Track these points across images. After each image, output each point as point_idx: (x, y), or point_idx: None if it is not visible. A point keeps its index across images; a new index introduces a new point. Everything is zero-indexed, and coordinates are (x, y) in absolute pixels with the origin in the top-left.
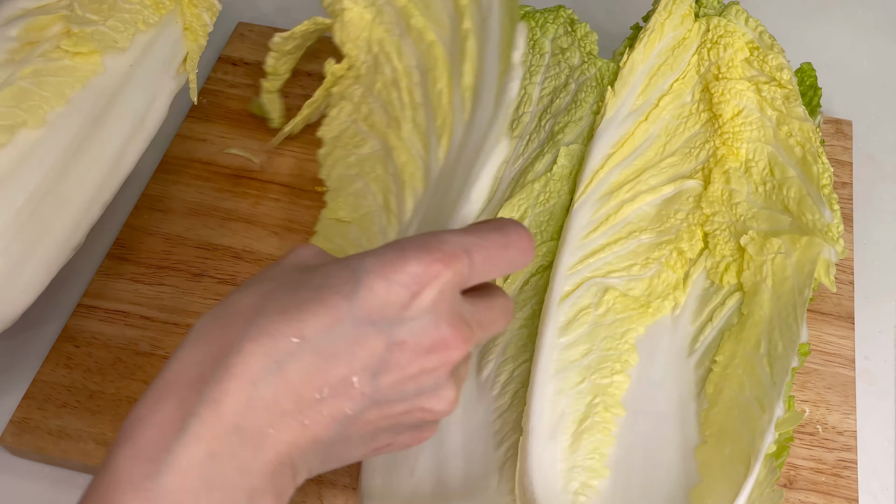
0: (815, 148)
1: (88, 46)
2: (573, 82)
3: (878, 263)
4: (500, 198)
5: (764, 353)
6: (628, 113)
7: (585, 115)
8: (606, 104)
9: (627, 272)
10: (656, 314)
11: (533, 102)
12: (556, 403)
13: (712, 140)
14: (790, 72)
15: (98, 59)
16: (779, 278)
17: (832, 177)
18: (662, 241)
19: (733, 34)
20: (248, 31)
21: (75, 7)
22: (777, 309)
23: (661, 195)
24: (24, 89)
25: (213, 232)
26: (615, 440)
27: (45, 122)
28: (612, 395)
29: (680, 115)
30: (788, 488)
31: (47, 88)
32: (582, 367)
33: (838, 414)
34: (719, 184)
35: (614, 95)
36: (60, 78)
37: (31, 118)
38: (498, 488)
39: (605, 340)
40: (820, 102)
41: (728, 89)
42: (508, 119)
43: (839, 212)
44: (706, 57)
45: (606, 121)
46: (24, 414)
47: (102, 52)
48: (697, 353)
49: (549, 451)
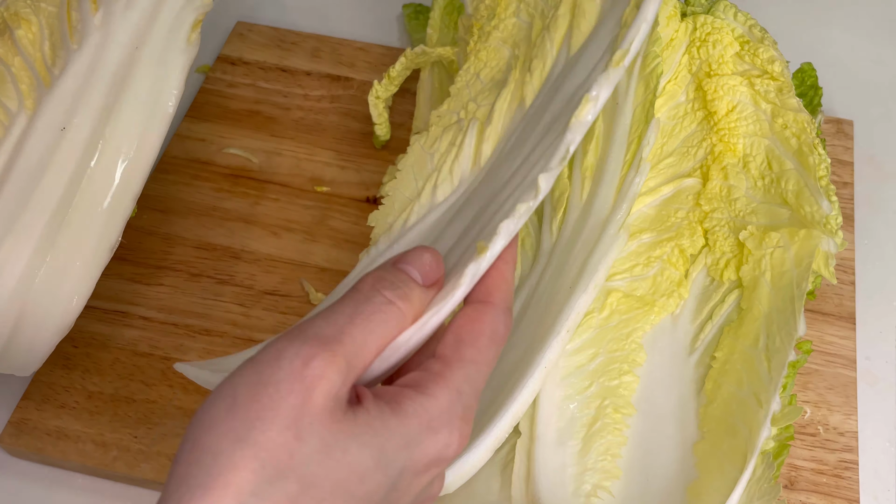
0: (810, 139)
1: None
2: None
3: (880, 263)
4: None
5: (762, 347)
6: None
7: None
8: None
9: (630, 273)
10: (661, 312)
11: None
12: (563, 409)
13: (709, 137)
14: (782, 63)
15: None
16: (777, 272)
17: (829, 168)
18: (663, 238)
19: (721, 30)
20: (248, 31)
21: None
22: (776, 303)
23: (659, 196)
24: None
25: (212, 232)
26: (628, 440)
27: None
28: (622, 395)
29: (675, 116)
30: (790, 489)
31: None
32: (589, 372)
33: (839, 415)
34: (717, 180)
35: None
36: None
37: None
38: (500, 492)
39: (611, 342)
40: (821, 102)
41: (721, 86)
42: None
43: (837, 202)
44: (696, 56)
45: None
46: (22, 415)
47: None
48: (698, 352)
49: (558, 456)
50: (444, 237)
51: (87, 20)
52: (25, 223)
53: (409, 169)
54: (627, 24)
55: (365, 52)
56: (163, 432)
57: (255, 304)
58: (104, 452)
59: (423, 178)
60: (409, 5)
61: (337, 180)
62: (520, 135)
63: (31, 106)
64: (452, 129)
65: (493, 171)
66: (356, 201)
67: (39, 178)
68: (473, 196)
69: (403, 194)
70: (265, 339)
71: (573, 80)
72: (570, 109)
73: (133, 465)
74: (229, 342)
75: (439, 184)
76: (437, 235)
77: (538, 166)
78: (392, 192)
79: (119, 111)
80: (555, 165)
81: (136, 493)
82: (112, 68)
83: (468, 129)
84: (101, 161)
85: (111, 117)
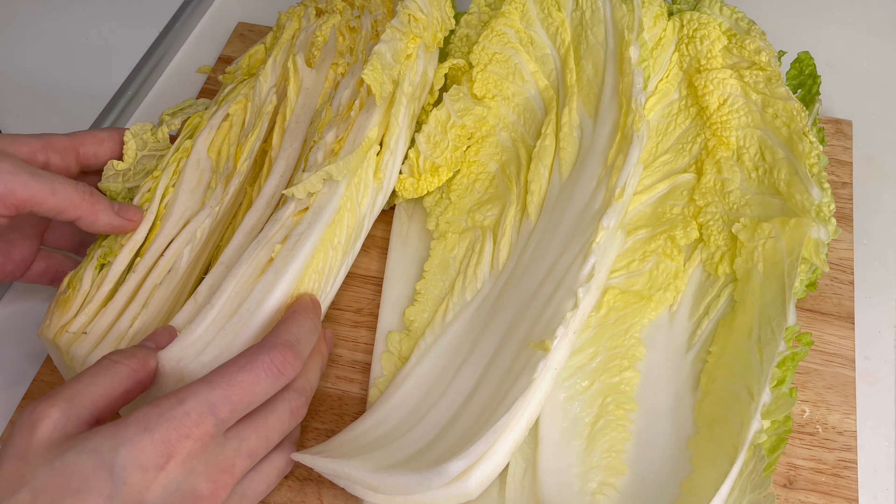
0: (800, 126)
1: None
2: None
3: (878, 263)
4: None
5: (755, 339)
6: None
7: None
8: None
9: (627, 269)
10: (659, 306)
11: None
12: (566, 410)
13: (703, 133)
14: (769, 53)
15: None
16: (769, 263)
17: (821, 155)
18: (657, 232)
19: (708, 26)
20: (248, 31)
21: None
22: (768, 294)
23: (655, 193)
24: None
25: None
26: (632, 435)
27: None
28: (624, 391)
29: (669, 114)
30: (789, 488)
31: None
32: (590, 371)
33: (838, 414)
34: (711, 174)
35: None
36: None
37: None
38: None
39: (610, 339)
40: (819, 90)
41: (710, 80)
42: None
43: (829, 190)
44: (686, 52)
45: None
46: None
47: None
48: (695, 348)
49: (562, 457)
50: (488, 333)
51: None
52: None
53: (434, 271)
54: (619, 168)
55: None
56: None
57: None
58: None
59: (449, 279)
60: None
61: None
62: (536, 247)
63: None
64: (467, 236)
65: (516, 278)
66: None
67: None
68: (505, 299)
69: (433, 293)
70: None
71: (576, 203)
72: (582, 230)
73: None
74: None
75: (467, 286)
76: (479, 330)
77: (569, 278)
78: (423, 291)
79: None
80: (583, 280)
81: None
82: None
83: (485, 240)
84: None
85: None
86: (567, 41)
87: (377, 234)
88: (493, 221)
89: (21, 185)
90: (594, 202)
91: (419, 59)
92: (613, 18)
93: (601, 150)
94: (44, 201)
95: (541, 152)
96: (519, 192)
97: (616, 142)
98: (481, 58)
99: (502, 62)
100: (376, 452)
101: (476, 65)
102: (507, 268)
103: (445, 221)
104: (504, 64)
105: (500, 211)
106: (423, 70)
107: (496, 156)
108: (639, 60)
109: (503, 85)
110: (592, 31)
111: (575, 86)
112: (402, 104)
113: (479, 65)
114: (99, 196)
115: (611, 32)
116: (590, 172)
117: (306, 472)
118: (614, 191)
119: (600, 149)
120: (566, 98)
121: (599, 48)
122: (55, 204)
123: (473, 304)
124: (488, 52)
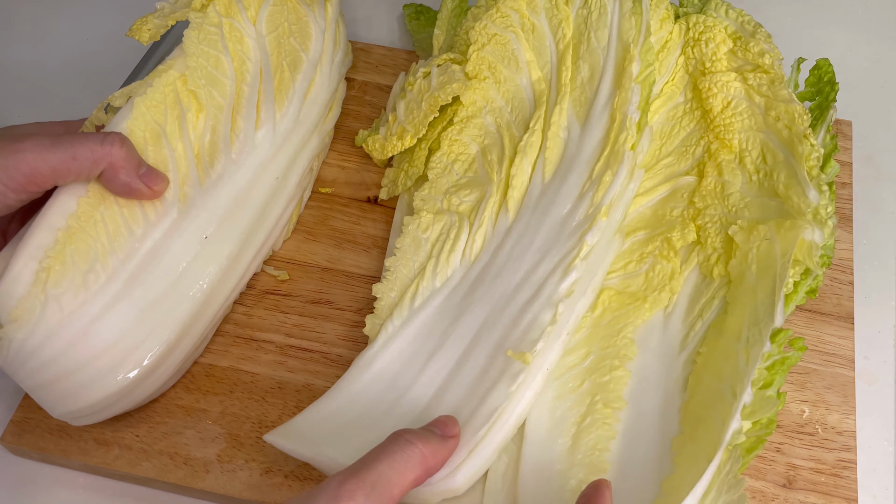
0: (800, 129)
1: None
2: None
3: (878, 263)
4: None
5: (744, 340)
6: None
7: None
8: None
9: (623, 270)
10: (653, 307)
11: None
12: (553, 409)
13: (706, 136)
14: (772, 56)
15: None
16: (763, 265)
17: (821, 158)
18: (655, 234)
19: (713, 28)
20: None
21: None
22: (760, 296)
23: (656, 196)
24: None
25: None
26: (618, 434)
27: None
28: (612, 390)
29: (674, 117)
30: (788, 488)
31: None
32: (582, 370)
33: (838, 414)
34: (712, 177)
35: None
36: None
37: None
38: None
39: (602, 339)
40: (836, 98)
41: (714, 82)
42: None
43: (828, 192)
44: (692, 55)
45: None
46: (24, 413)
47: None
48: (687, 350)
49: (546, 454)
50: (459, 327)
51: (248, 134)
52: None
53: (406, 249)
54: (606, 185)
55: (366, 52)
56: (164, 431)
57: (256, 303)
58: (106, 451)
59: (420, 261)
60: (409, 5)
61: (338, 180)
62: (514, 247)
63: (182, 200)
64: (442, 218)
65: (491, 275)
66: (357, 201)
67: (175, 282)
68: (478, 295)
69: (403, 272)
70: (267, 337)
71: (557, 208)
72: (563, 240)
73: (135, 463)
74: (230, 341)
75: (438, 272)
76: (449, 323)
77: (547, 288)
78: (393, 269)
79: (270, 237)
80: (562, 295)
81: (137, 491)
82: (263, 196)
83: (461, 226)
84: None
85: (254, 238)
86: (568, 37)
87: (377, 234)
88: (469, 208)
89: (43, 162)
90: (576, 212)
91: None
92: (620, 28)
93: (586, 158)
94: (67, 172)
95: (527, 147)
96: (500, 183)
97: (604, 156)
98: (480, 37)
99: (500, 44)
100: (353, 441)
101: (474, 42)
102: (480, 259)
103: (421, 198)
104: (502, 47)
105: (477, 198)
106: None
107: (478, 138)
108: (637, 77)
109: (497, 68)
110: (596, 34)
111: (568, 85)
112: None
113: (476, 43)
114: (126, 151)
115: (614, 41)
116: (574, 180)
117: (307, 471)
118: (600, 207)
119: (586, 157)
120: (558, 96)
121: (599, 53)
122: (78, 168)
123: (443, 292)
124: (488, 32)
